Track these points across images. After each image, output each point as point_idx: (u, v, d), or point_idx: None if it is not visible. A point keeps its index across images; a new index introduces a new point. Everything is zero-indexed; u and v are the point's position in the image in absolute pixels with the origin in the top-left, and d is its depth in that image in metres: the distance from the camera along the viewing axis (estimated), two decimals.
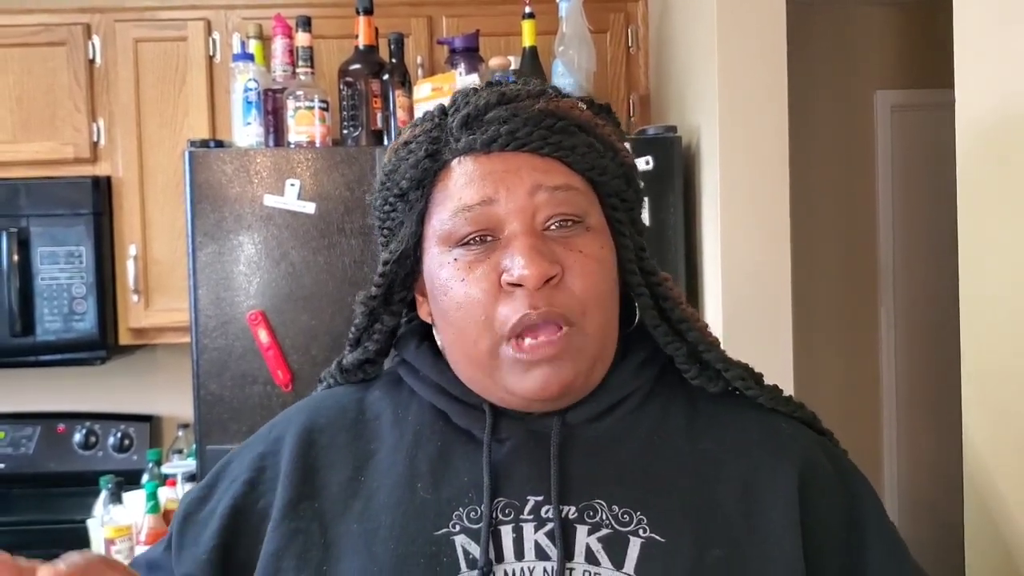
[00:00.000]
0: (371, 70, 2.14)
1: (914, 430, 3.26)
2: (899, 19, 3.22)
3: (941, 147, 1.44)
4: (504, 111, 0.74)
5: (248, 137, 2.08)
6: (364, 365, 0.86)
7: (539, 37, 2.16)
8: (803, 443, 0.80)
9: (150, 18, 2.43)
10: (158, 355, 2.77)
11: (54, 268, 2.36)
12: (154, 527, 2.10)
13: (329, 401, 0.86)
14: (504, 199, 0.73)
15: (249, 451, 0.84)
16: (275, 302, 1.95)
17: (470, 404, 0.79)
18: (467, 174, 0.74)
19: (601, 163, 0.76)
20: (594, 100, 0.82)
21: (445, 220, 0.74)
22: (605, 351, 0.77)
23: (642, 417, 0.79)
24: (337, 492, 0.77)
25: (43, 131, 2.43)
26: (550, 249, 0.72)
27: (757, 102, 1.90)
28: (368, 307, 0.83)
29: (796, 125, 2.08)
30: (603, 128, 0.79)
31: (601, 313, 0.75)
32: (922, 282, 3.22)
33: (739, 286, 1.90)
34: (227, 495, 0.81)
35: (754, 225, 1.90)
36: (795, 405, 0.83)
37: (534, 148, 0.74)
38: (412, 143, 0.78)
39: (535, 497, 0.74)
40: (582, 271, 0.73)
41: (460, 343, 0.76)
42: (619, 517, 0.73)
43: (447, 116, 0.77)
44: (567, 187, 0.74)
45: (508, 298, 0.72)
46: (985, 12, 1.05)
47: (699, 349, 0.80)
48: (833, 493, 0.78)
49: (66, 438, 2.63)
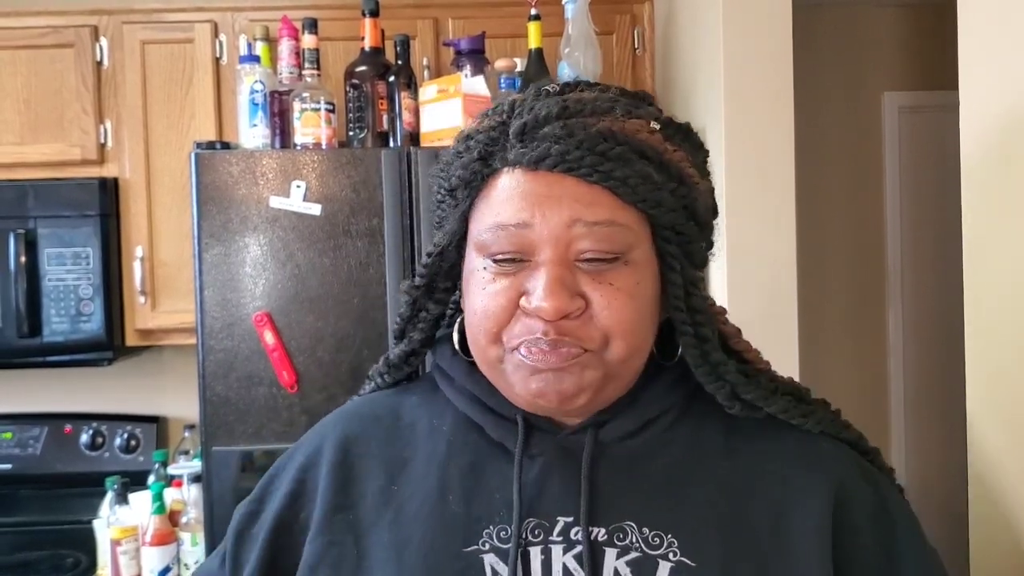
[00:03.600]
0: (377, 72, 2.14)
1: (922, 431, 3.24)
2: (907, 20, 3.21)
3: (949, 148, 1.43)
4: (560, 128, 0.70)
5: (254, 139, 2.08)
6: (409, 358, 0.86)
7: (545, 39, 2.16)
8: (844, 463, 0.78)
9: (157, 20, 2.44)
10: (165, 356, 2.77)
11: (61, 269, 2.37)
12: (160, 528, 2.10)
13: (365, 409, 0.86)
14: (539, 225, 0.70)
15: (292, 462, 0.84)
16: (281, 304, 1.95)
17: (503, 416, 0.78)
18: (509, 189, 0.72)
19: (656, 196, 0.71)
20: (673, 120, 0.77)
21: (483, 230, 0.73)
22: (625, 375, 0.75)
23: (676, 436, 0.78)
24: (371, 502, 0.78)
25: (51, 133, 2.44)
26: (576, 281, 0.70)
27: (763, 104, 1.89)
28: (412, 296, 0.82)
29: (803, 127, 2.08)
30: (671, 155, 0.73)
31: (628, 344, 0.72)
32: (930, 283, 3.21)
33: (745, 286, 1.89)
34: (273, 509, 0.82)
35: (760, 227, 1.89)
36: (841, 426, 0.82)
37: (582, 175, 0.70)
38: (472, 139, 0.76)
39: (565, 518, 0.73)
40: (608, 304, 0.70)
41: (474, 345, 0.76)
42: (649, 540, 0.72)
43: (512, 116, 0.74)
44: (609, 223, 0.70)
45: (524, 319, 0.71)
46: (989, 13, 1.05)
47: (738, 391, 0.77)
48: (870, 518, 0.77)
49: (73, 439, 2.63)
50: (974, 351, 1.10)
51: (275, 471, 0.86)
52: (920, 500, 3.21)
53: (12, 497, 2.61)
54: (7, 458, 2.62)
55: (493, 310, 0.72)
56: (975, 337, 1.09)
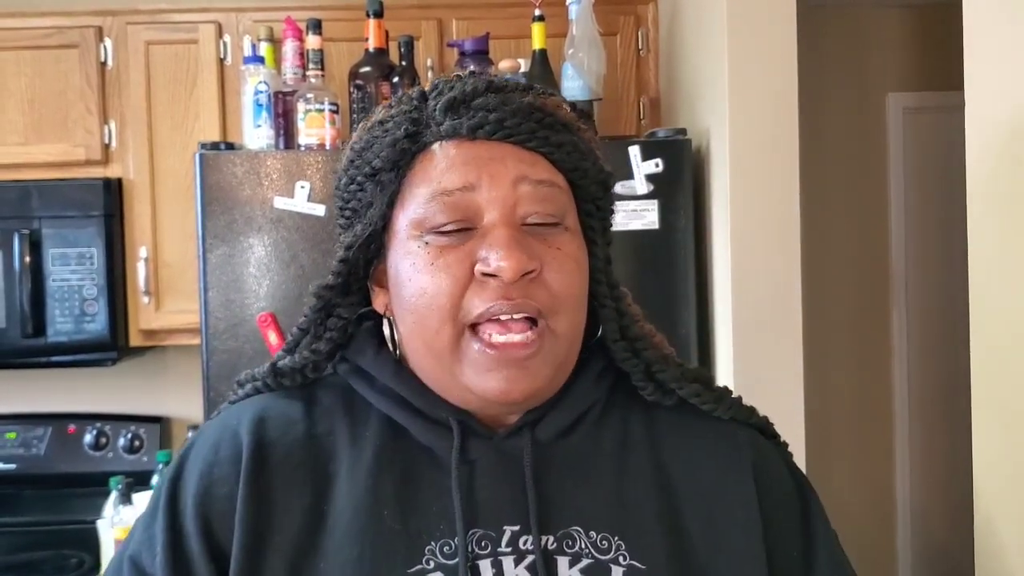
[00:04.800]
0: (381, 73, 2.14)
1: (927, 434, 3.24)
2: (911, 21, 3.20)
3: (954, 150, 1.43)
4: (493, 99, 0.72)
5: (258, 139, 2.08)
6: (305, 369, 0.78)
7: (549, 40, 2.16)
8: (759, 450, 0.80)
9: (161, 21, 2.44)
10: (168, 357, 2.77)
11: (65, 270, 2.37)
12: None
13: (274, 411, 0.77)
14: (486, 186, 0.70)
15: (189, 477, 0.74)
16: (285, 304, 1.95)
17: (434, 419, 0.74)
18: (449, 158, 0.71)
19: (583, 165, 0.74)
20: (575, 104, 0.82)
21: (420, 204, 0.71)
22: (569, 357, 0.75)
23: (605, 430, 0.77)
24: (300, 525, 0.71)
25: (55, 133, 2.44)
26: (528, 244, 0.70)
27: (768, 104, 1.89)
28: (324, 298, 0.77)
29: (807, 127, 2.07)
30: (585, 132, 0.77)
31: (573, 315, 0.73)
32: (935, 286, 3.20)
33: (749, 289, 1.89)
34: (171, 541, 0.72)
35: (764, 228, 1.89)
36: (749, 411, 0.82)
37: (521, 140, 0.71)
38: (389, 122, 0.74)
39: (511, 527, 0.71)
40: (560, 268, 0.71)
41: (420, 333, 0.72)
42: (597, 544, 0.71)
43: (427, 100, 0.74)
44: (550, 183, 0.72)
45: (480, 287, 0.69)
46: (995, 14, 1.04)
47: (653, 369, 0.78)
48: (788, 503, 0.79)
49: (77, 439, 2.64)
50: (979, 355, 1.09)
51: (174, 483, 0.74)
52: (924, 504, 3.22)
53: (16, 497, 2.61)
54: (11, 458, 2.62)
55: (446, 284, 0.69)
56: (980, 342, 1.09)
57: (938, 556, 3.07)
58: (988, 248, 1.07)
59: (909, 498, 3.25)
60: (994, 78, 1.04)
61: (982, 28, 1.07)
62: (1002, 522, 1.05)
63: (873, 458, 3.22)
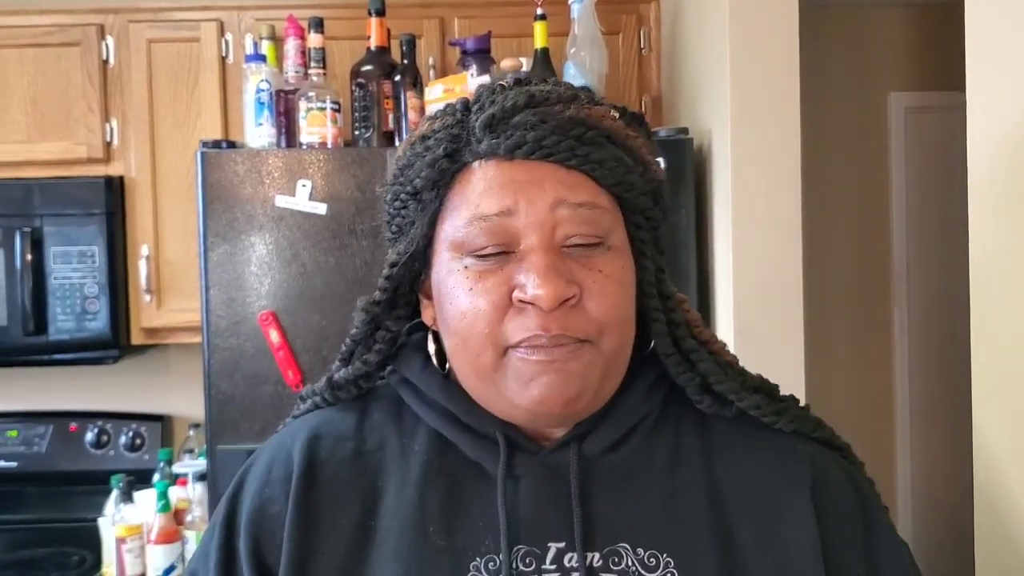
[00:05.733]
0: (383, 71, 2.14)
1: (928, 433, 3.24)
2: (913, 21, 3.20)
3: (955, 149, 1.43)
4: (532, 116, 0.69)
5: (260, 138, 2.08)
6: (359, 380, 0.80)
7: (551, 39, 2.16)
8: (820, 466, 0.77)
9: (163, 19, 2.44)
10: (170, 355, 2.78)
11: (67, 268, 2.37)
12: (165, 526, 2.11)
13: (326, 428, 0.78)
14: (524, 211, 0.68)
15: (251, 486, 0.77)
16: (286, 303, 1.95)
17: (481, 434, 0.74)
18: (487, 180, 0.69)
19: (629, 179, 0.71)
20: (627, 109, 0.77)
21: (460, 227, 0.70)
22: (616, 371, 0.73)
23: (656, 444, 0.76)
24: (348, 542, 0.72)
25: (57, 131, 2.44)
26: (568, 268, 0.68)
27: (769, 104, 1.89)
28: (371, 313, 0.77)
29: (809, 127, 2.07)
30: (634, 140, 0.73)
31: (618, 335, 0.70)
32: (936, 284, 3.20)
33: (751, 288, 1.89)
34: (237, 550, 0.74)
35: (766, 227, 1.89)
36: (813, 424, 0.79)
37: (561, 159, 0.69)
38: (431, 139, 0.72)
39: (556, 544, 0.70)
40: (600, 292, 0.68)
41: (464, 353, 0.71)
42: (645, 561, 0.69)
43: (470, 113, 0.72)
44: (591, 205, 0.69)
45: (518, 315, 0.68)
46: (997, 14, 1.04)
47: (710, 380, 0.76)
48: (851, 519, 0.76)
49: (78, 437, 2.64)
50: (980, 356, 1.09)
51: (234, 498, 0.77)
52: (925, 506, 3.22)
53: (17, 495, 2.61)
54: (12, 456, 2.63)
55: (484, 309, 0.68)
56: (981, 342, 1.09)
57: (939, 553, 3.06)
58: (989, 247, 1.07)
59: (910, 496, 3.25)
60: (996, 78, 1.04)
61: (984, 28, 1.07)
62: (1003, 520, 1.05)
63: (874, 456, 3.19)
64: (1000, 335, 1.05)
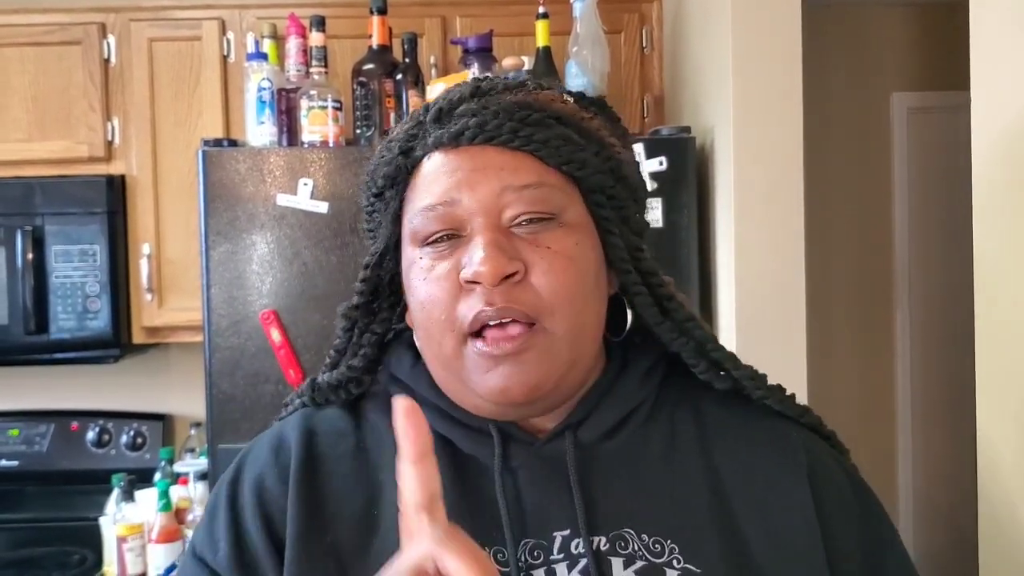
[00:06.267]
0: (384, 70, 2.14)
1: (930, 434, 3.23)
2: (916, 20, 3.20)
3: (958, 149, 1.42)
4: (475, 104, 0.71)
5: (261, 136, 2.08)
6: (348, 385, 0.79)
7: (553, 37, 2.15)
8: (813, 451, 0.77)
9: (165, 18, 2.44)
10: (171, 354, 2.78)
11: (68, 266, 2.37)
12: (166, 525, 2.11)
13: (322, 424, 0.78)
14: (467, 197, 0.69)
15: (251, 470, 0.77)
16: (287, 302, 1.95)
17: (475, 428, 0.74)
18: (434, 170, 0.71)
19: (579, 156, 0.71)
20: (585, 94, 0.77)
21: (412, 219, 0.71)
22: (582, 355, 0.72)
23: (653, 429, 0.76)
24: (351, 526, 0.72)
25: (58, 130, 2.44)
26: (513, 246, 0.68)
27: (772, 103, 1.89)
28: (351, 318, 0.78)
29: (811, 127, 2.07)
30: (588, 121, 0.74)
31: (573, 313, 0.69)
32: (938, 285, 3.20)
33: (753, 287, 1.89)
34: (247, 527, 0.74)
35: (768, 226, 1.89)
36: (801, 408, 0.80)
37: (503, 142, 0.69)
38: (393, 141, 0.75)
39: (561, 532, 0.70)
40: (549, 268, 0.68)
41: (428, 344, 0.72)
42: (650, 547, 0.69)
43: (428, 112, 0.74)
44: (537, 184, 0.69)
45: (467, 296, 0.68)
46: (1001, 15, 1.04)
47: (707, 347, 0.76)
48: (846, 505, 0.76)
49: (79, 436, 2.64)
50: (984, 356, 1.09)
51: (232, 486, 0.76)
52: (926, 507, 3.22)
53: (18, 494, 2.61)
54: (14, 455, 2.63)
55: (438, 296, 0.69)
56: (985, 342, 1.08)
57: (942, 554, 3.06)
58: (993, 247, 1.06)
59: (911, 497, 3.24)
60: (1000, 78, 1.04)
61: (988, 28, 1.07)
62: (1006, 521, 1.05)
63: (876, 456, 3.22)
64: (1004, 336, 1.04)
